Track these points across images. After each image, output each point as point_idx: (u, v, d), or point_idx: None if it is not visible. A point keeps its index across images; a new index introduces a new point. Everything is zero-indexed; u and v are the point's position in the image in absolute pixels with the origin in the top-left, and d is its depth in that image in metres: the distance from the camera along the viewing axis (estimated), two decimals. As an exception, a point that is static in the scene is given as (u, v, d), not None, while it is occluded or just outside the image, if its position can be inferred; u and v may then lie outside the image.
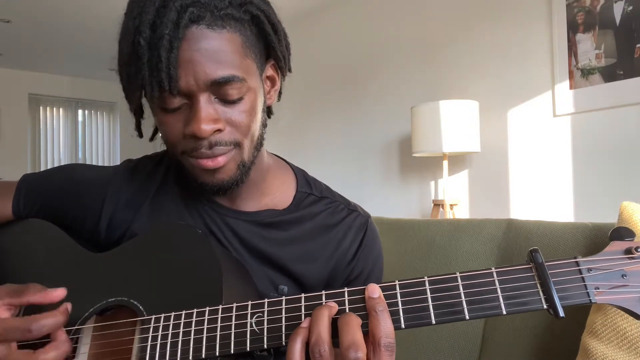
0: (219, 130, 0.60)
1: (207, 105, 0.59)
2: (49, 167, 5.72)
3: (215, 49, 0.57)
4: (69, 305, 0.58)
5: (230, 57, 0.59)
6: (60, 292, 0.58)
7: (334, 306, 0.51)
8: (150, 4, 0.55)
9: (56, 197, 0.77)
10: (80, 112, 6.08)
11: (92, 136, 6.16)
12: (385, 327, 0.48)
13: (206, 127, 0.58)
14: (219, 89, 0.59)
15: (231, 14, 0.58)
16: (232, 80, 0.58)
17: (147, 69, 0.55)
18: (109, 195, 0.74)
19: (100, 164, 6.07)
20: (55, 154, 5.87)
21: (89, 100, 6.05)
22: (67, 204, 0.76)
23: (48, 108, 5.83)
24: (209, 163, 0.62)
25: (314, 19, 3.68)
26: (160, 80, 0.55)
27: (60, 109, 5.93)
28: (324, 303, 0.53)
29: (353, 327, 0.48)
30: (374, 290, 0.50)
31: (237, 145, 0.63)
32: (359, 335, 0.47)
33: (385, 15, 3.14)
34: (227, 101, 0.60)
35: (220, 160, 0.62)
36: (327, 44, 3.57)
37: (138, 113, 0.67)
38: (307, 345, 0.50)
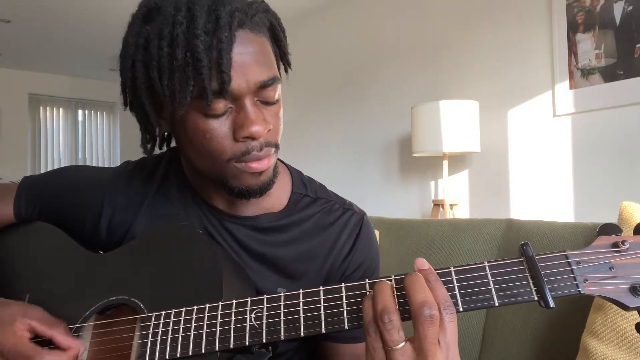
0: (269, 130, 0.62)
1: (254, 107, 0.60)
2: (49, 167, 5.74)
3: (259, 52, 0.60)
4: (80, 351, 0.61)
5: (270, 59, 0.62)
6: (80, 346, 0.62)
7: (391, 284, 0.51)
8: (199, 8, 0.56)
9: (56, 199, 0.77)
10: (80, 112, 6.09)
11: (92, 136, 6.16)
12: (442, 293, 0.48)
13: (260, 128, 0.60)
14: (262, 91, 0.60)
15: (261, 19, 0.62)
16: (275, 81, 0.61)
17: (207, 72, 0.56)
18: (108, 197, 0.74)
19: (100, 164, 6.08)
20: (55, 154, 5.87)
21: (89, 100, 6.06)
22: (66, 206, 0.76)
23: (48, 108, 5.83)
24: (259, 165, 0.63)
25: (314, 19, 3.68)
26: (222, 83, 0.56)
27: (60, 109, 5.93)
28: (321, 298, 0.53)
29: (423, 285, 0.48)
30: (423, 263, 0.51)
31: (276, 146, 0.65)
32: (429, 293, 0.47)
33: (385, 15, 3.14)
34: (267, 103, 0.62)
35: (266, 162, 0.63)
36: (328, 44, 3.57)
37: (154, 125, 0.65)
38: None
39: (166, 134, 0.74)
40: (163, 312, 0.59)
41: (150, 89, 0.60)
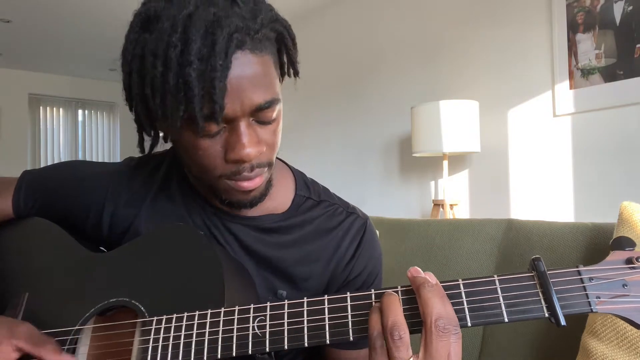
0: (261, 153, 0.61)
1: (248, 129, 0.58)
2: (49, 167, 5.72)
3: (258, 74, 0.57)
4: None
5: (270, 80, 0.59)
6: None
7: (399, 297, 0.49)
8: (195, 31, 0.53)
9: (57, 194, 0.76)
10: (80, 112, 6.09)
11: (92, 136, 6.16)
12: (449, 311, 0.47)
13: (251, 151, 0.58)
14: (259, 112, 0.58)
15: (266, 34, 0.58)
16: (273, 104, 0.59)
17: (199, 100, 0.53)
18: (110, 192, 0.74)
19: (100, 164, 6.06)
20: (55, 154, 5.87)
21: (89, 100, 6.06)
22: (68, 201, 0.75)
23: (48, 108, 5.83)
24: (249, 184, 0.62)
25: (314, 19, 3.68)
26: (213, 111, 0.54)
27: (60, 109, 5.93)
28: (326, 307, 0.52)
29: (440, 299, 0.47)
30: (431, 277, 0.49)
31: (270, 164, 0.64)
32: (444, 309, 0.46)
33: (385, 15, 3.14)
34: (264, 122, 0.60)
35: (258, 180, 0.63)
36: (327, 44, 3.57)
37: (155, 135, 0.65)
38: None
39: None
40: (164, 317, 0.58)
41: (144, 101, 0.59)
